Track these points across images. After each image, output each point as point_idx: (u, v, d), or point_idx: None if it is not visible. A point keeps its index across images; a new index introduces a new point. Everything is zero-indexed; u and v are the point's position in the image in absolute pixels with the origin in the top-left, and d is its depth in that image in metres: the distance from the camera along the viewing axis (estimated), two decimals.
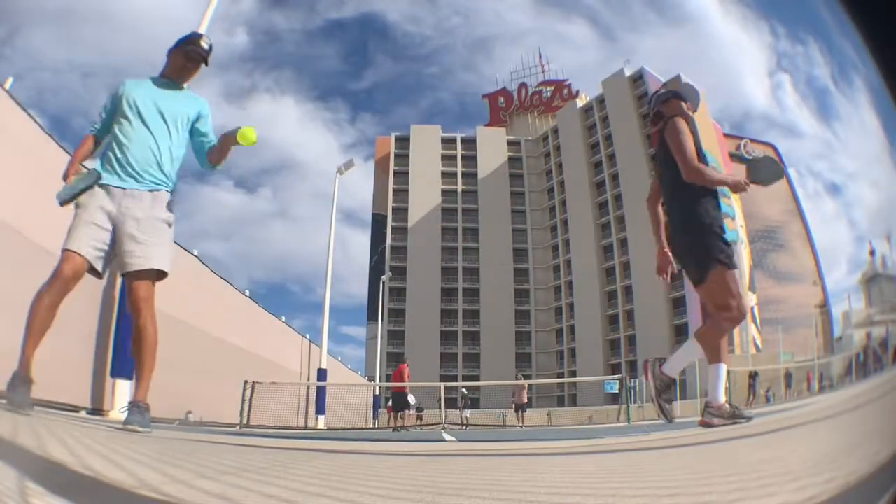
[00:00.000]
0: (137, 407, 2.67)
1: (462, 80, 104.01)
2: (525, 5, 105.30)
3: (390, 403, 13.34)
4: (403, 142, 70.86)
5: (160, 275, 2.77)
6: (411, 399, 13.23)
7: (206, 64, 2.92)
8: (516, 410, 15.60)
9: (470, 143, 71.55)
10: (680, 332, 51.42)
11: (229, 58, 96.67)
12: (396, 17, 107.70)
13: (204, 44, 2.91)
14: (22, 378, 2.56)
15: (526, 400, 16.00)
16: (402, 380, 12.80)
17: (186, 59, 2.89)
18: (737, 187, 3.12)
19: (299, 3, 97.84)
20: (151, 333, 2.77)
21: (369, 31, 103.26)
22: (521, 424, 14.79)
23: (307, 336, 14.98)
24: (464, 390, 15.34)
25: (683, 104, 3.26)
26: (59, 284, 2.75)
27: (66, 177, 2.88)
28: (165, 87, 2.89)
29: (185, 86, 2.98)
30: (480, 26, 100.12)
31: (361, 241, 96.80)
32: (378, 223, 70.00)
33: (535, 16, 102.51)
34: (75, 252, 2.73)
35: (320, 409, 13.01)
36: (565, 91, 71.09)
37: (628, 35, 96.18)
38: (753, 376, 11.90)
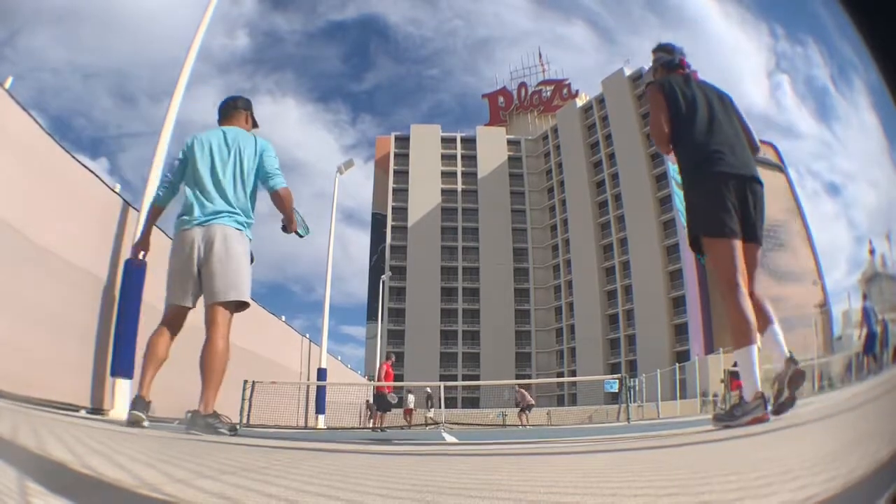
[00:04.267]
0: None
1: (462, 81, 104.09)
2: (525, 8, 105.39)
3: (372, 402, 13.37)
4: (403, 141, 70.82)
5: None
6: (392, 398, 13.20)
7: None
8: (522, 410, 15.69)
9: (470, 142, 71.50)
10: (680, 332, 51.43)
11: (230, 59, 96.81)
12: (397, 19, 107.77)
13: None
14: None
15: (530, 401, 15.97)
16: (385, 380, 12.80)
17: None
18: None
19: (300, 5, 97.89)
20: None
21: (370, 32, 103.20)
22: (523, 424, 14.65)
23: (307, 335, 14.98)
24: (427, 390, 15.23)
25: (656, 73, 3.00)
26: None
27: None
28: None
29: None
30: (481, 28, 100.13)
31: (361, 241, 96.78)
32: (378, 223, 69.97)
33: (534, 18, 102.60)
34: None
35: (320, 409, 13.01)
36: (565, 90, 71.04)
37: (628, 36, 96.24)
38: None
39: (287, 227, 3.44)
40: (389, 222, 67.56)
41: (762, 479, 1.00)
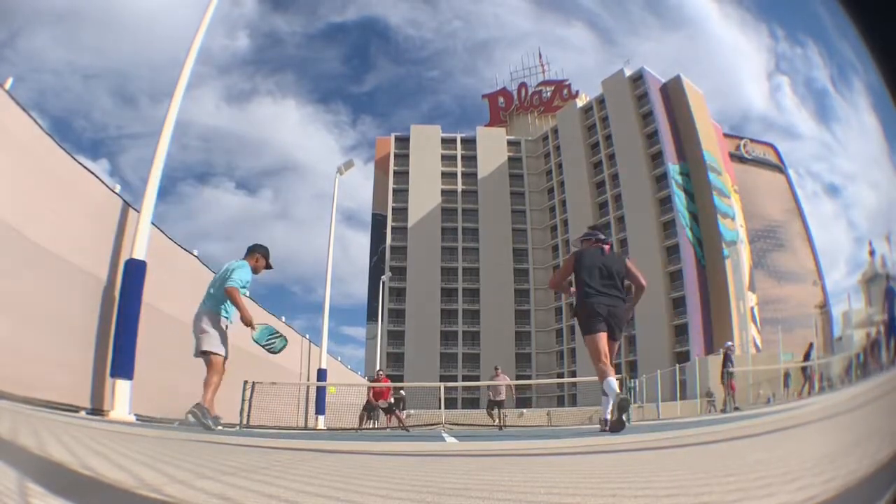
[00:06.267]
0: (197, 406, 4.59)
1: (462, 82, 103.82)
2: (525, 9, 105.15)
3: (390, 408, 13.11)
4: (403, 142, 70.80)
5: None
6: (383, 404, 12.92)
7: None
8: (490, 408, 13.18)
9: (470, 143, 71.47)
10: (680, 332, 51.43)
11: (231, 60, 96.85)
12: (397, 20, 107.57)
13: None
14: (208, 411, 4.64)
15: (503, 397, 13.02)
16: (384, 390, 12.62)
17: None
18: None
19: (300, 7, 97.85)
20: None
21: (370, 34, 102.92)
22: (498, 424, 12.55)
23: (307, 336, 14.96)
24: (401, 392, 14.83)
25: (584, 243, 4.86)
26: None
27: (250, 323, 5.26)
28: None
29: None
30: (481, 29, 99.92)
31: (361, 242, 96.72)
32: (378, 223, 69.94)
33: (534, 19, 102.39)
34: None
35: (320, 409, 13.01)
36: (565, 91, 71.01)
37: (628, 38, 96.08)
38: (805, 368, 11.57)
39: (243, 320, 5.25)
40: (389, 223, 67.51)
41: (762, 479, 1.00)
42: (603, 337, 4.45)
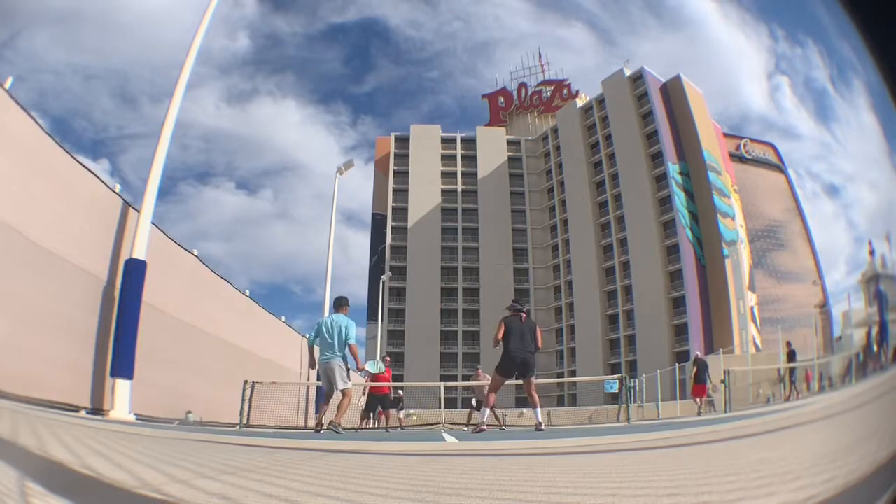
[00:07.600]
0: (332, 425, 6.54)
1: (462, 83, 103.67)
2: (525, 10, 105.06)
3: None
4: (403, 142, 70.78)
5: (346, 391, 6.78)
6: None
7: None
8: (478, 408, 11.71)
9: (470, 142, 71.45)
10: (680, 332, 51.42)
11: (231, 61, 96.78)
12: (398, 21, 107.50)
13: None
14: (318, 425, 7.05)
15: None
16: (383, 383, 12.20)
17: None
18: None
19: (301, 8, 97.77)
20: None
21: (370, 35, 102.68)
22: (500, 423, 11.58)
23: (308, 336, 14.93)
24: (399, 391, 14.54)
25: (509, 310, 6.83)
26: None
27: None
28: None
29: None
30: (480, 30, 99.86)
31: (361, 242, 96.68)
32: (378, 223, 69.94)
33: (534, 20, 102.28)
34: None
35: (320, 409, 12.98)
36: (565, 91, 70.98)
37: (628, 38, 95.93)
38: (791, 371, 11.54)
39: (356, 367, 7.07)
40: (389, 223, 67.47)
41: (762, 479, 1.00)
42: (504, 379, 6.82)
